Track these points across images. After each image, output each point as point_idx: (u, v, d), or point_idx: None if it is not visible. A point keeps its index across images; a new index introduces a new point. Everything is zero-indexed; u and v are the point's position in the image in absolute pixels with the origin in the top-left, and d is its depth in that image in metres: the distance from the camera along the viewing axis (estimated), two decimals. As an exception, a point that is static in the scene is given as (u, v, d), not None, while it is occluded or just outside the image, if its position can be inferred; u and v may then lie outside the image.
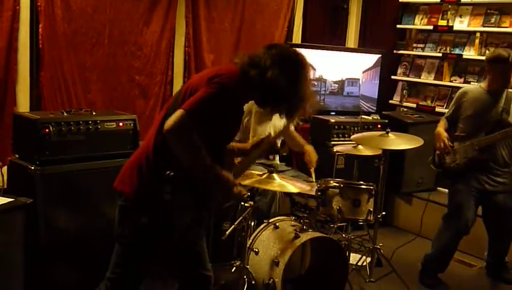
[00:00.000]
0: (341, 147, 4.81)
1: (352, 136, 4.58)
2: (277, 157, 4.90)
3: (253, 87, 2.57)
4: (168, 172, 2.45)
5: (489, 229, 4.55)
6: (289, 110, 2.67)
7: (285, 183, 3.57)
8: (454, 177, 4.40)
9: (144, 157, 2.58)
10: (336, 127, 5.52)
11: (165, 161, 2.49)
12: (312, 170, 4.46)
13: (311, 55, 5.75)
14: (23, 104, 4.36)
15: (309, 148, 4.56)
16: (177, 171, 2.46)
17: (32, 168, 3.49)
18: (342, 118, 5.70)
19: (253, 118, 4.60)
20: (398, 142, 4.27)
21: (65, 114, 3.75)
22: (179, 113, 2.39)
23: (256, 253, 3.77)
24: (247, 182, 3.63)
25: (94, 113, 3.88)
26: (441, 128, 4.46)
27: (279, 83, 2.53)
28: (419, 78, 6.32)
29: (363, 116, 5.47)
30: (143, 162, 2.57)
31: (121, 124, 3.89)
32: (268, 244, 3.80)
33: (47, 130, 3.50)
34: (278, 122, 4.80)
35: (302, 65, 2.62)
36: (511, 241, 4.58)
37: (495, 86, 4.28)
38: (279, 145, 3.01)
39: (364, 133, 4.73)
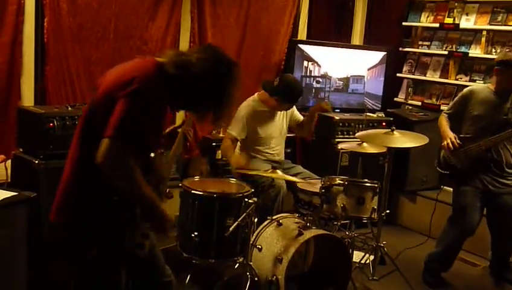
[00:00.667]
0: (345, 145, 4.80)
1: (357, 134, 4.56)
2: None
3: (172, 86, 2.40)
4: (112, 197, 2.33)
5: (492, 230, 4.53)
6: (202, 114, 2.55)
7: (287, 176, 3.59)
8: (459, 179, 4.38)
9: (73, 182, 2.42)
10: (341, 124, 5.51)
11: (98, 182, 2.30)
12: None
13: (316, 52, 5.87)
14: (28, 98, 4.36)
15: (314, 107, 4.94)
16: (117, 194, 2.32)
17: (36, 162, 3.50)
18: (347, 116, 5.69)
19: (255, 117, 4.61)
20: (403, 140, 4.25)
21: (69, 108, 3.76)
22: (104, 144, 2.19)
23: (260, 250, 3.77)
24: (253, 171, 3.64)
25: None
26: (447, 127, 4.43)
27: (201, 85, 2.41)
28: (425, 76, 6.30)
29: (367, 114, 5.46)
30: (75, 187, 2.42)
31: (125, 118, 3.88)
32: (271, 241, 3.80)
33: (51, 125, 3.51)
34: (280, 122, 4.81)
35: (230, 71, 2.48)
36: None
37: (503, 88, 4.26)
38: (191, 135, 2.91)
39: (369, 131, 4.72)
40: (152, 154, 2.56)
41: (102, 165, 2.20)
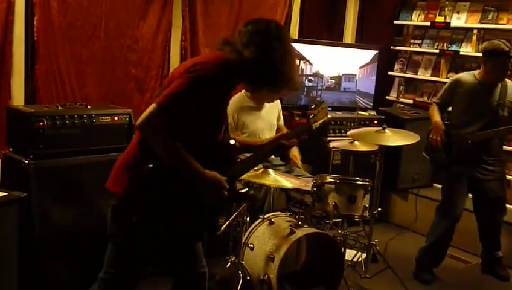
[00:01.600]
0: (337, 143, 4.80)
1: (348, 132, 4.56)
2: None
3: (237, 71, 2.49)
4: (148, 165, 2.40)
5: (478, 219, 4.57)
6: (274, 84, 2.59)
7: (280, 179, 3.57)
8: (446, 166, 4.40)
9: (131, 154, 2.53)
10: (333, 122, 5.50)
11: (150, 157, 2.40)
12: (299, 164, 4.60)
13: (308, 51, 5.86)
14: (18, 97, 4.32)
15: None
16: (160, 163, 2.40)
17: (26, 161, 3.47)
18: (339, 114, 5.69)
19: (242, 113, 4.59)
20: (395, 138, 4.26)
21: (60, 107, 3.73)
22: (150, 107, 2.32)
23: (252, 248, 3.76)
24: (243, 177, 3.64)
25: (89, 106, 3.86)
26: (438, 118, 4.46)
27: (258, 60, 2.45)
28: (416, 74, 6.32)
29: (359, 112, 5.47)
30: (131, 160, 2.51)
31: (116, 118, 3.88)
32: (263, 240, 3.79)
33: (41, 124, 3.48)
34: (268, 115, 4.78)
35: (279, 37, 2.53)
36: (499, 233, 4.58)
37: (490, 79, 4.28)
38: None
39: (361, 129, 4.72)
40: (232, 142, 2.70)
41: (140, 127, 2.34)
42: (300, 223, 3.87)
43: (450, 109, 4.55)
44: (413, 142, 4.24)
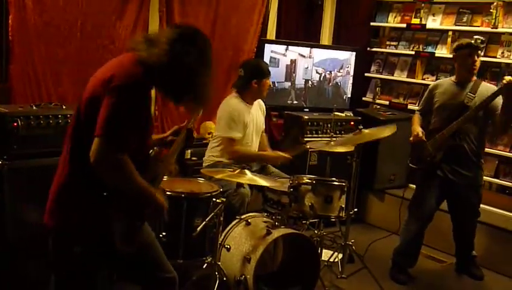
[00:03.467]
0: (314, 144, 4.82)
1: (332, 143, 4.56)
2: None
3: (150, 72, 2.36)
4: (102, 193, 2.34)
5: (452, 220, 4.63)
6: (181, 94, 2.51)
7: (256, 178, 3.58)
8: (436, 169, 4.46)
9: (64, 183, 2.42)
10: (309, 123, 5.52)
11: (87, 182, 2.32)
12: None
13: (285, 52, 5.87)
14: (-8, 97, 4.28)
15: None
16: (107, 191, 2.33)
17: (0, 162, 3.43)
18: (315, 115, 5.70)
19: (245, 114, 4.58)
20: (372, 134, 4.29)
21: (34, 108, 3.70)
22: (96, 142, 2.22)
23: (228, 249, 3.76)
24: (219, 175, 3.63)
25: (64, 107, 3.83)
26: (416, 124, 4.53)
27: (170, 63, 2.37)
28: (392, 75, 6.37)
29: (336, 113, 5.48)
30: (65, 190, 2.41)
31: (91, 118, 3.83)
32: (240, 241, 3.79)
33: (15, 124, 3.46)
34: (255, 118, 4.79)
35: (199, 46, 2.47)
36: (473, 235, 4.64)
37: (461, 75, 4.39)
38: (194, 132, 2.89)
39: (342, 138, 4.77)
40: (150, 151, 2.60)
41: (95, 164, 2.23)
42: (277, 223, 3.87)
43: (432, 114, 4.57)
44: (390, 133, 4.27)
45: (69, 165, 2.40)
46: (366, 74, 6.59)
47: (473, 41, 4.30)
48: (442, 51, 5.84)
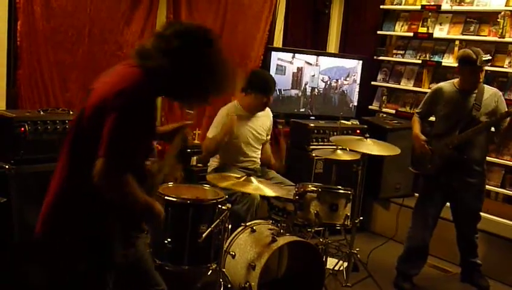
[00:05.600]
0: (320, 152, 4.82)
1: (331, 138, 4.60)
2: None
3: (158, 82, 2.30)
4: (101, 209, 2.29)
5: (456, 227, 4.62)
6: (201, 96, 2.43)
7: (262, 187, 3.57)
8: (436, 176, 4.45)
9: (61, 194, 2.35)
10: (315, 131, 5.52)
11: (87, 195, 2.25)
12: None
13: (292, 59, 5.88)
14: (0, 102, 4.30)
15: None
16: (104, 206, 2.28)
17: (7, 167, 3.45)
18: (322, 123, 5.71)
19: (230, 120, 4.59)
20: (374, 148, 4.29)
21: (42, 113, 3.71)
22: (100, 162, 2.14)
23: (233, 256, 3.76)
24: (224, 184, 3.63)
25: (71, 112, 3.84)
26: (418, 130, 4.53)
27: (196, 67, 2.30)
28: (399, 84, 6.36)
29: (342, 121, 5.48)
30: (64, 198, 2.35)
31: (98, 124, 3.85)
32: (245, 248, 3.79)
33: (23, 129, 3.47)
34: (257, 126, 4.80)
35: (204, 40, 2.35)
36: (476, 241, 4.61)
37: (465, 86, 4.36)
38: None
39: (343, 136, 4.79)
40: (148, 162, 2.53)
41: (99, 185, 2.16)
42: (282, 231, 3.87)
43: (433, 118, 4.59)
44: (392, 154, 4.28)
45: (68, 172, 2.33)
46: (372, 83, 6.58)
47: (476, 59, 4.18)
48: (449, 60, 5.83)
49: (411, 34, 6.19)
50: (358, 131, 5.62)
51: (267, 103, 4.72)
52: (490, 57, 4.22)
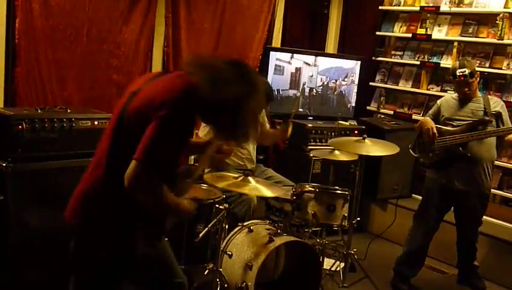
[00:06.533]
0: (317, 152, 4.82)
1: (329, 140, 4.60)
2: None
3: (202, 101, 2.32)
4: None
5: (456, 228, 4.62)
6: (227, 132, 2.48)
7: (260, 187, 3.57)
8: (432, 164, 4.46)
9: (96, 184, 2.42)
10: (313, 131, 5.53)
11: (120, 191, 2.28)
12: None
13: (290, 59, 5.88)
14: (-3, 100, 4.30)
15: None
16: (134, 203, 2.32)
17: (4, 165, 3.43)
18: (320, 123, 5.71)
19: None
20: (374, 148, 4.29)
21: (39, 111, 3.70)
22: (134, 165, 2.20)
23: (230, 256, 3.75)
24: (222, 184, 3.62)
25: (69, 111, 3.83)
26: (428, 118, 4.55)
27: (229, 103, 2.32)
28: (397, 85, 6.37)
29: (340, 122, 5.49)
30: (96, 190, 2.42)
31: (96, 122, 3.85)
32: (242, 248, 3.79)
33: (20, 127, 3.45)
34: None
35: (257, 91, 2.41)
36: (476, 245, 4.62)
37: (459, 96, 4.46)
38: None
39: (341, 138, 4.78)
40: (179, 169, 2.59)
41: (130, 187, 2.21)
42: (279, 231, 3.87)
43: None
44: (392, 153, 4.28)
45: (105, 167, 2.39)
46: (370, 83, 6.58)
47: (460, 74, 4.29)
48: (448, 62, 5.83)
49: (410, 35, 6.19)
50: (356, 132, 5.62)
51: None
52: (466, 73, 4.26)
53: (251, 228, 3.93)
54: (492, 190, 5.13)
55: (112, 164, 2.36)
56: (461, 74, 4.28)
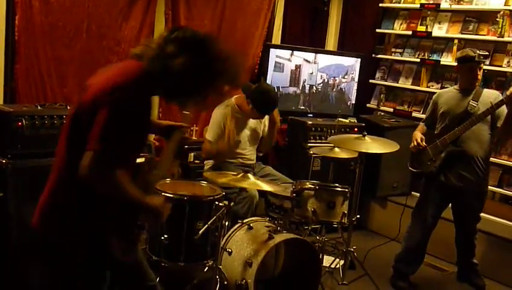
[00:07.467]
0: (317, 149, 4.82)
1: (329, 138, 4.59)
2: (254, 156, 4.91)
3: (158, 82, 2.30)
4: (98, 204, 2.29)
5: (455, 225, 4.62)
6: (203, 94, 2.41)
7: (260, 183, 3.57)
8: (436, 174, 4.45)
9: (58, 189, 2.37)
10: (313, 129, 5.52)
11: (83, 190, 2.23)
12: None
13: (290, 57, 5.87)
14: (-3, 97, 4.29)
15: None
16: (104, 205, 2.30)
17: (4, 161, 3.44)
18: (319, 120, 5.70)
19: (231, 125, 4.60)
20: (374, 145, 4.29)
21: (39, 107, 3.70)
22: (88, 155, 2.14)
23: (230, 253, 3.75)
24: (222, 180, 3.62)
25: (69, 107, 3.83)
26: (417, 131, 4.55)
27: (187, 73, 2.28)
28: (397, 82, 6.36)
29: (340, 119, 5.49)
30: (61, 195, 2.36)
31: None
32: (241, 245, 3.79)
33: (20, 124, 3.46)
34: (255, 125, 4.81)
35: (209, 44, 2.34)
36: (474, 241, 4.62)
37: (464, 85, 4.40)
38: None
39: (341, 135, 4.78)
40: (139, 160, 2.51)
41: (85, 178, 2.16)
42: (279, 228, 3.87)
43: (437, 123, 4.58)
44: (392, 150, 4.27)
45: (65, 168, 2.33)
46: (370, 81, 6.58)
47: (475, 55, 4.27)
48: (448, 59, 5.83)
49: (410, 32, 6.18)
50: (356, 129, 5.62)
51: (260, 118, 4.78)
52: (487, 53, 4.25)
53: (251, 225, 3.93)
54: (491, 187, 5.15)
55: (71, 163, 2.27)
56: (477, 54, 4.27)
